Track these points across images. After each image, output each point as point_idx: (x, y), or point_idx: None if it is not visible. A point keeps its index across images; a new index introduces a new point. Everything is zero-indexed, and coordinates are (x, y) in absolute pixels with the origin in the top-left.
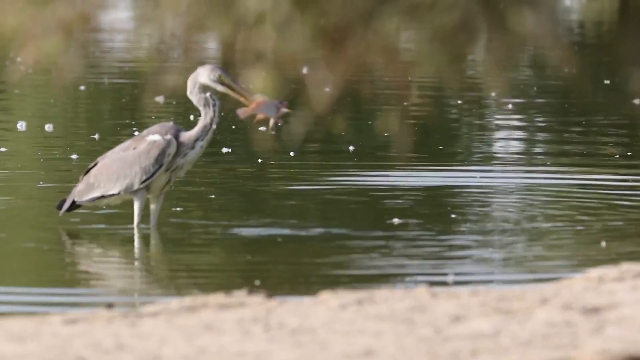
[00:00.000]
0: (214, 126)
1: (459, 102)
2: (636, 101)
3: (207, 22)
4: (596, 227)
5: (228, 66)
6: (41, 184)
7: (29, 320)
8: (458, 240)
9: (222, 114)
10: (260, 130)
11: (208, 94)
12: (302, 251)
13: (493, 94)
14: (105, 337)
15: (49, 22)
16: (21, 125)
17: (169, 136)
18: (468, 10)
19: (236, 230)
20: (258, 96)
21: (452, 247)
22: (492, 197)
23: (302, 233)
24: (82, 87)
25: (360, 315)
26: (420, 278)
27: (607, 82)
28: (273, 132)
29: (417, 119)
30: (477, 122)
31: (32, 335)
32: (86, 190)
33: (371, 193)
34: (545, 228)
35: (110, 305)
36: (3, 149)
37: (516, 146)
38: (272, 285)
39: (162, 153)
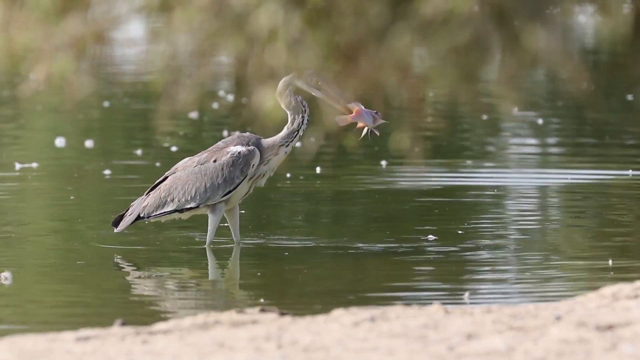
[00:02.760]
0: (301, 133)
1: (474, 117)
2: None
3: (220, 39)
4: (612, 240)
5: (240, 83)
6: (72, 198)
7: (42, 337)
8: (472, 254)
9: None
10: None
11: (299, 98)
12: (316, 266)
13: (507, 109)
14: (118, 355)
15: (60, 39)
16: (60, 142)
17: (251, 146)
18: (481, 27)
19: (249, 245)
20: (354, 105)
21: (467, 262)
22: (507, 201)
23: (314, 246)
24: (107, 104)
25: (373, 333)
26: (435, 295)
27: (629, 97)
28: (368, 139)
29: (432, 133)
30: (490, 132)
31: (44, 353)
32: (156, 205)
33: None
34: (559, 241)
35: (123, 323)
36: (35, 164)
37: (530, 151)
38: (285, 302)
39: (247, 164)
